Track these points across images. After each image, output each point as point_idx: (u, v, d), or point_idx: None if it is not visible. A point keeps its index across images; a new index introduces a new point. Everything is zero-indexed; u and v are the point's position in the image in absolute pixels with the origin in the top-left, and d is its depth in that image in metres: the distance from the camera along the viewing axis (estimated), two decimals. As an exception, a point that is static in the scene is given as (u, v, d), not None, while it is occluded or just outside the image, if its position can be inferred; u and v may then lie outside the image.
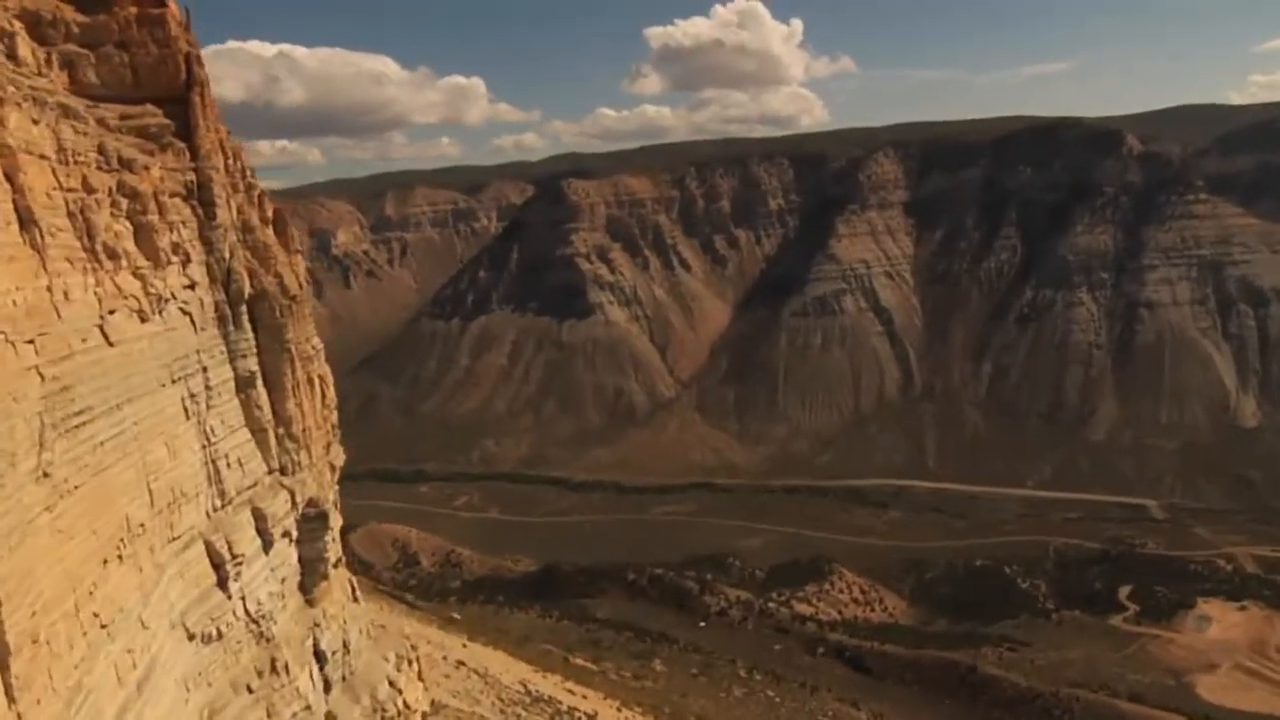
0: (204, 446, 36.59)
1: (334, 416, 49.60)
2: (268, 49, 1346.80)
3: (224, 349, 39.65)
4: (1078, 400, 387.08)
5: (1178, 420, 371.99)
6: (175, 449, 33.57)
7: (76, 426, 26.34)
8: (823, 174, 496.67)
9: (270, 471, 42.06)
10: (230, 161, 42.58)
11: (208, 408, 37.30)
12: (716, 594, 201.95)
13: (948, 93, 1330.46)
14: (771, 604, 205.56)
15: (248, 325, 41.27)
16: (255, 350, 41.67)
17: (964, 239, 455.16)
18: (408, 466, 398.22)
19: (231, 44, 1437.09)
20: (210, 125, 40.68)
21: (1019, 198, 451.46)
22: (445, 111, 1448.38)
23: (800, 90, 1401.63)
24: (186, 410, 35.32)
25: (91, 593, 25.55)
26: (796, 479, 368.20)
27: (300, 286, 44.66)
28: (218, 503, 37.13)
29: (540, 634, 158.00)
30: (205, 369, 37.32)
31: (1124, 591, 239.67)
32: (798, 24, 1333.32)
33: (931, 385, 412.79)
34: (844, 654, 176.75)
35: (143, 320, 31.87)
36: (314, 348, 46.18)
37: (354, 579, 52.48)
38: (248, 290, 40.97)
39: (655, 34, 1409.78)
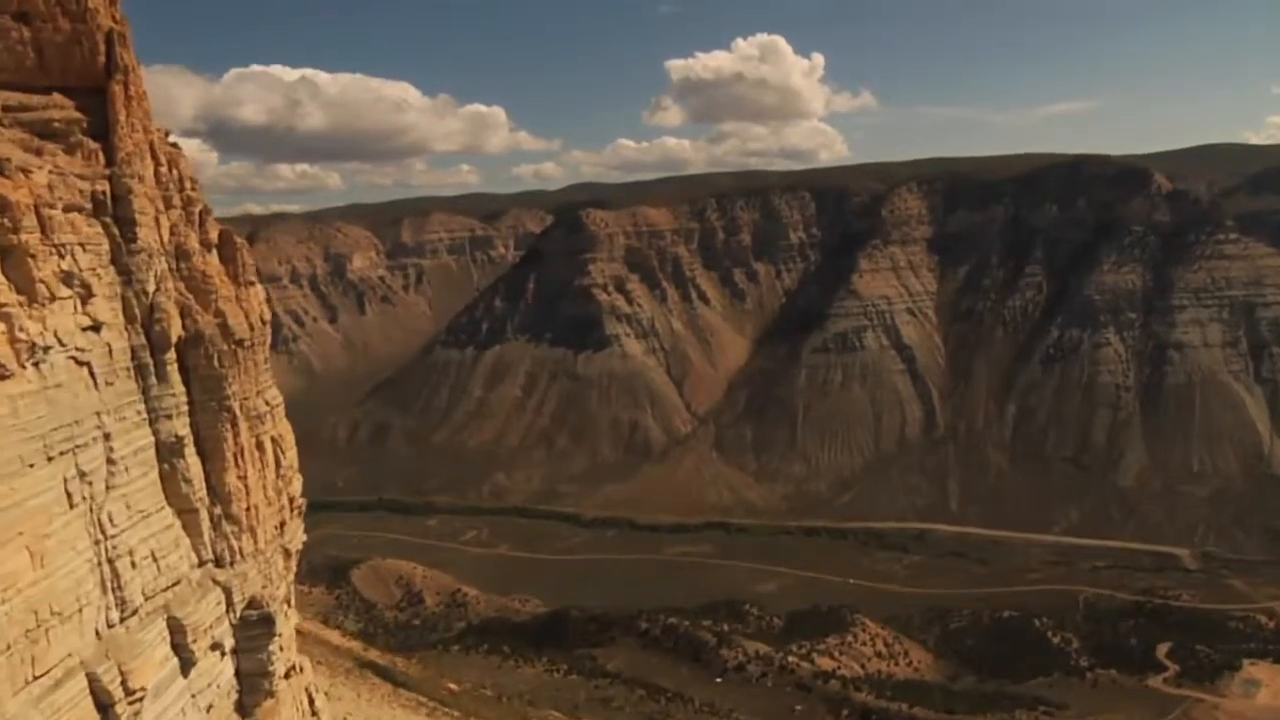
0: (97, 542, 28.03)
1: (294, 486, 41.02)
2: (290, 73, 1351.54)
3: (140, 408, 31.37)
4: (1105, 444, 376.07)
5: (1209, 466, 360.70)
6: (44, 553, 25.07)
7: None
8: (845, 208, 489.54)
9: (201, 563, 33.60)
10: (163, 170, 34.33)
11: (107, 489, 28.83)
12: (734, 647, 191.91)
13: (967, 130, 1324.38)
14: (792, 657, 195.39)
15: (176, 377, 33.05)
16: (186, 409, 33.35)
17: (988, 276, 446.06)
18: (417, 498, 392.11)
19: (255, 68, 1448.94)
20: (135, 123, 32.46)
21: (1045, 235, 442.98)
22: (465, 139, 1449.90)
23: (820, 125, 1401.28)
24: (70, 496, 26.86)
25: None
26: (815, 520, 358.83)
27: (251, 328, 36.37)
28: (115, 616, 28.48)
29: (546, 691, 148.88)
30: (108, 436, 28.93)
31: (1162, 649, 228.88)
32: (819, 59, 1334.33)
33: (954, 426, 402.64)
34: (870, 717, 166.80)
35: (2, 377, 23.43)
36: (268, 403, 37.91)
37: (313, 688, 43.39)
38: (177, 332, 32.68)
39: (676, 66, 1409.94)
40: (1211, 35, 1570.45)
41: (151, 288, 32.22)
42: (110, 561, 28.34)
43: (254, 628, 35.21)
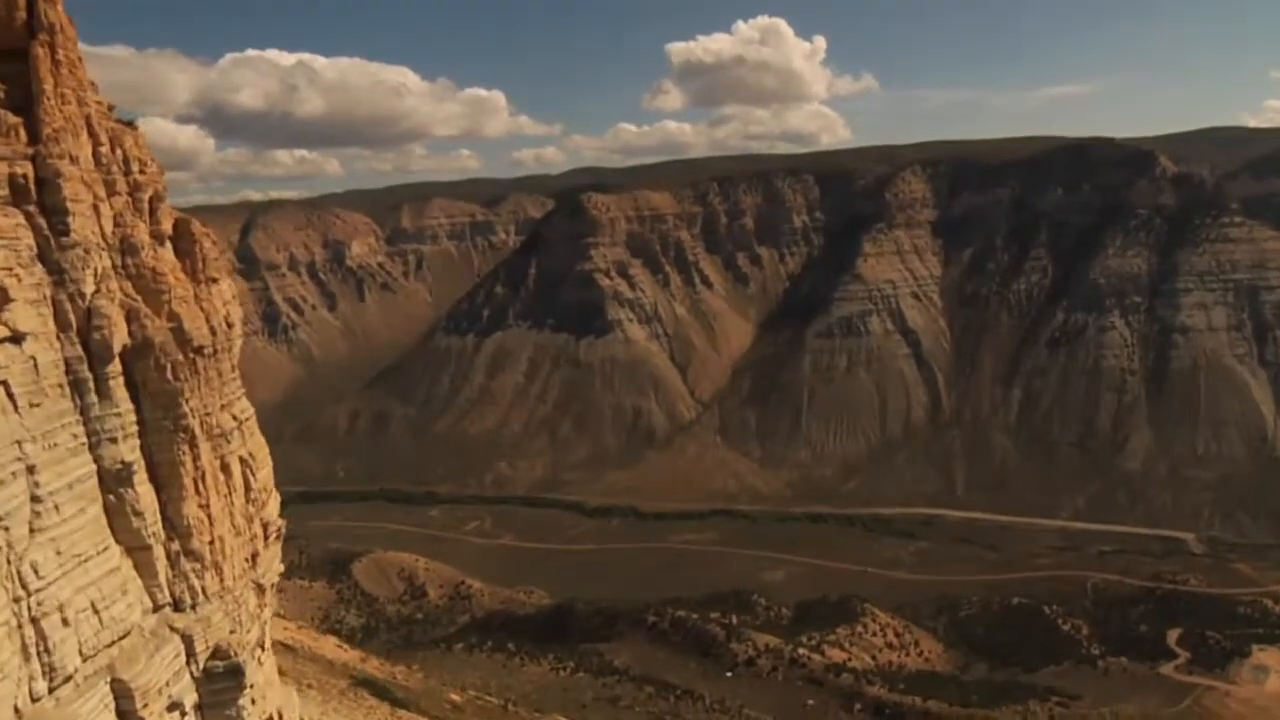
0: (17, 600, 23.62)
1: (269, 510, 36.56)
2: (286, 58, 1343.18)
3: (77, 432, 26.92)
4: (1111, 428, 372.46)
5: (1214, 450, 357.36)
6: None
7: None
8: (849, 192, 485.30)
9: (157, 608, 29.14)
10: (104, 149, 29.80)
11: (31, 533, 24.35)
12: (744, 640, 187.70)
13: (968, 113, 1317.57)
14: (802, 649, 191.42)
15: (123, 393, 28.58)
16: (135, 430, 28.96)
17: (993, 260, 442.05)
18: (419, 488, 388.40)
19: (251, 52, 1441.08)
20: (67, 93, 27.90)
21: (1050, 219, 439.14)
22: (465, 124, 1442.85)
23: (821, 108, 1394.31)
24: (-21, 546, 22.43)
25: None
26: (821, 506, 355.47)
27: (213, 332, 31.92)
28: (41, 687, 24.04)
29: (553, 691, 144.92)
30: (32, 469, 24.51)
31: (1172, 636, 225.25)
32: (820, 41, 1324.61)
33: (960, 411, 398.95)
34: (884, 712, 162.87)
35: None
36: (235, 418, 33.39)
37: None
38: (122, 341, 28.21)
39: (677, 50, 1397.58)
40: (1208, 19, 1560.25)
41: (89, 289, 27.86)
42: (35, 621, 23.89)
43: (220, 680, 30.48)
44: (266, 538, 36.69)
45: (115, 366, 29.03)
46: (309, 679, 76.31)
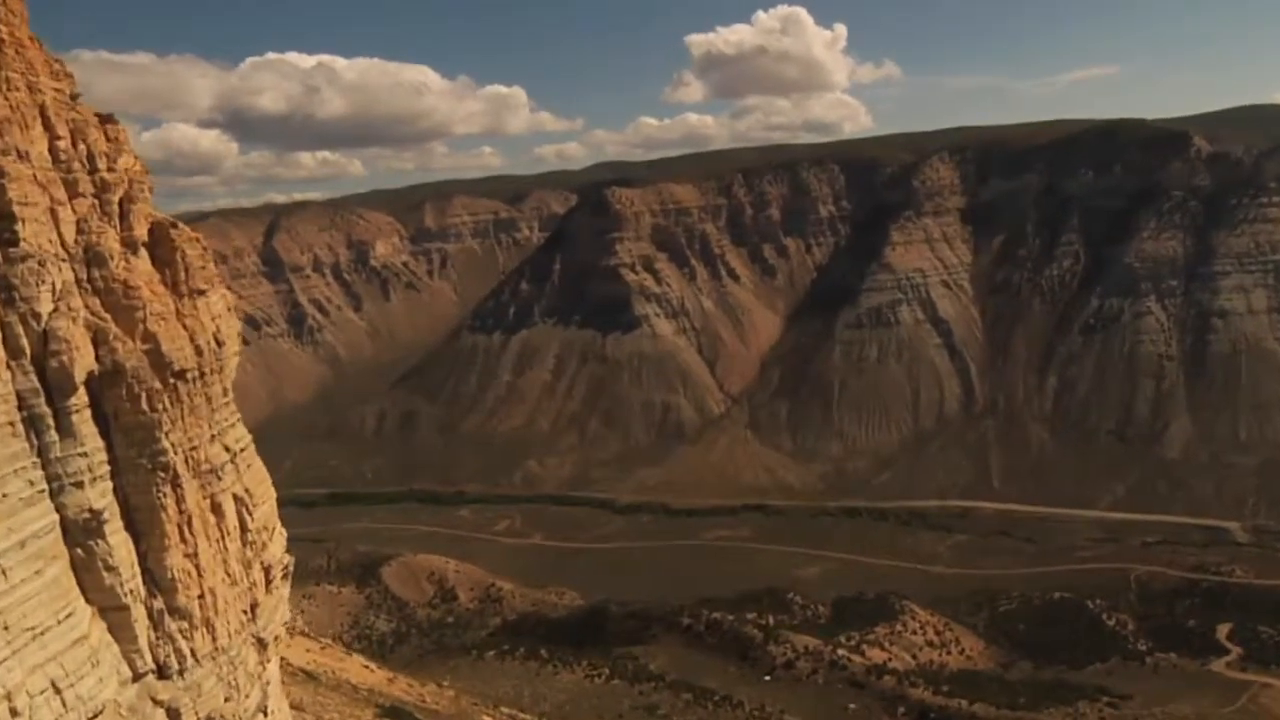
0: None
1: (271, 551, 32.44)
2: (307, 60, 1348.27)
3: (34, 478, 23.00)
4: (1149, 415, 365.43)
5: (1257, 436, 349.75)
6: None
7: None
8: (875, 180, 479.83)
9: (137, 678, 25.20)
10: (63, 143, 25.87)
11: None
12: (782, 642, 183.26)
13: (992, 98, 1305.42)
14: (841, 650, 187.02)
15: (89, 429, 24.65)
16: (106, 470, 25.05)
17: (1024, 246, 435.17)
18: (447, 488, 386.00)
19: (271, 56, 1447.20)
20: (14, 78, 23.96)
21: (1081, 203, 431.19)
22: (486, 121, 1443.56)
23: (843, 97, 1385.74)
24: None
25: None
26: (854, 500, 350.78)
27: (200, 352, 27.94)
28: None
29: (588, 700, 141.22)
30: (-28, 528, 20.63)
31: (1222, 630, 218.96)
32: (841, 29, 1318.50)
33: (994, 400, 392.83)
34: (928, 716, 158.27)
35: None
36: (229, 448, 29.41)
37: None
38: (86, 368, 24.29)
39: (697, 41, 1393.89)
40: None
41: (45, 308, 23.89)
42: (-27, 717, 20.38)
43: (213, 758, 26.77)
44: (269, 583, 32.43)
45: (80, 398, 25.19)
46: (331, 712, 72.80)
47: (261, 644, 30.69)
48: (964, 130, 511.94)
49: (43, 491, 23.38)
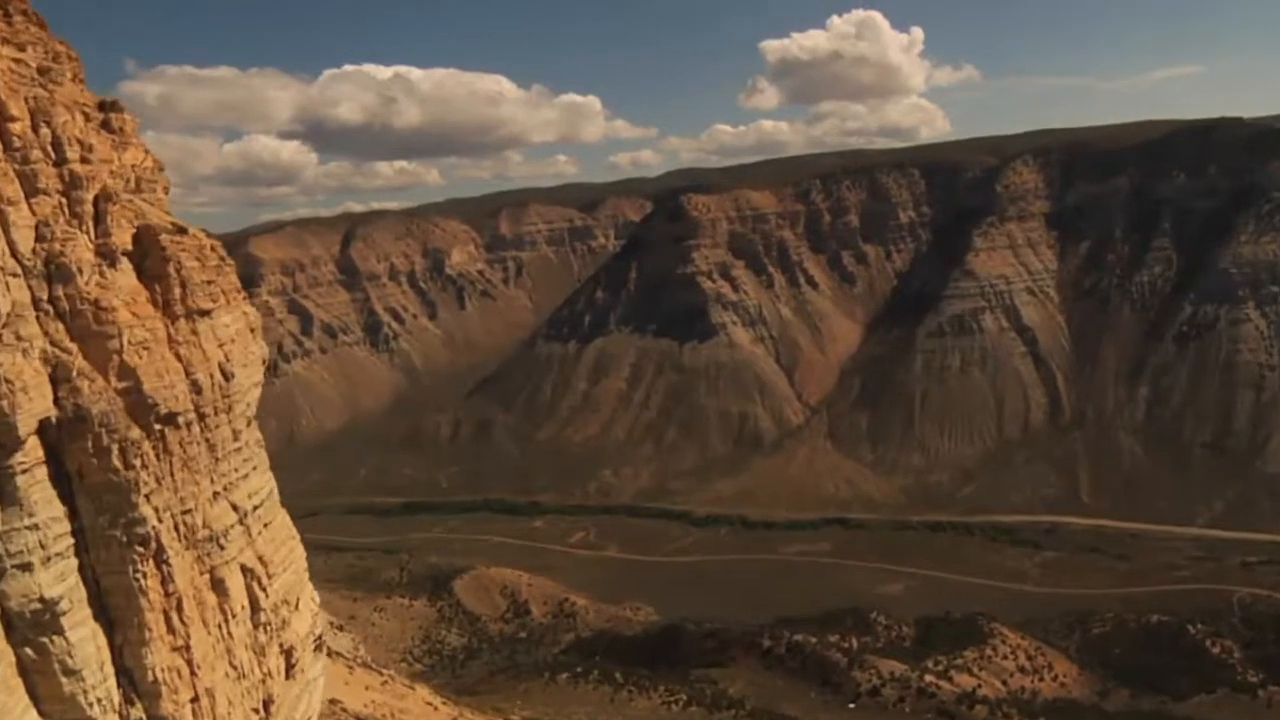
0: None
1: (292, 630, 26.97)
2: (383, 71, 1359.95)
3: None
4: (1249, 427, 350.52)
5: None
6: None
7: None
8: (956, 184, 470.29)
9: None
10: (17, 126, 20.61)
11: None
12: (867, 668, 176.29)
13: (1074, 99, 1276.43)
14: (929, 676, 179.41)
15: (43, 493, 19.50)
16: (66, 546, 19.86)
17: (1113, 251, 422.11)
18: (521, 498, 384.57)
19: (348, 67, 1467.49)
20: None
21: (1173, 205, 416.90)
22: (561, 129, 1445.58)
23: (920, 101, 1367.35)
24: None
25: None
26: (937, 514, 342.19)
27: (198, 389, 22.67)
28: None
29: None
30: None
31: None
32: (917, 33, 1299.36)
33: (1082, 411, 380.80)
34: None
35: None
36: (237, 507, 24.07)
37: None
38: (38, 415, 19.14)
39: (771, 47, 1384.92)
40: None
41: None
42: None
43: None
44: (290, 668, 26.73)
45: (29, 454, 19.61)
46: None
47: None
48: (1047, 132, 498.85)
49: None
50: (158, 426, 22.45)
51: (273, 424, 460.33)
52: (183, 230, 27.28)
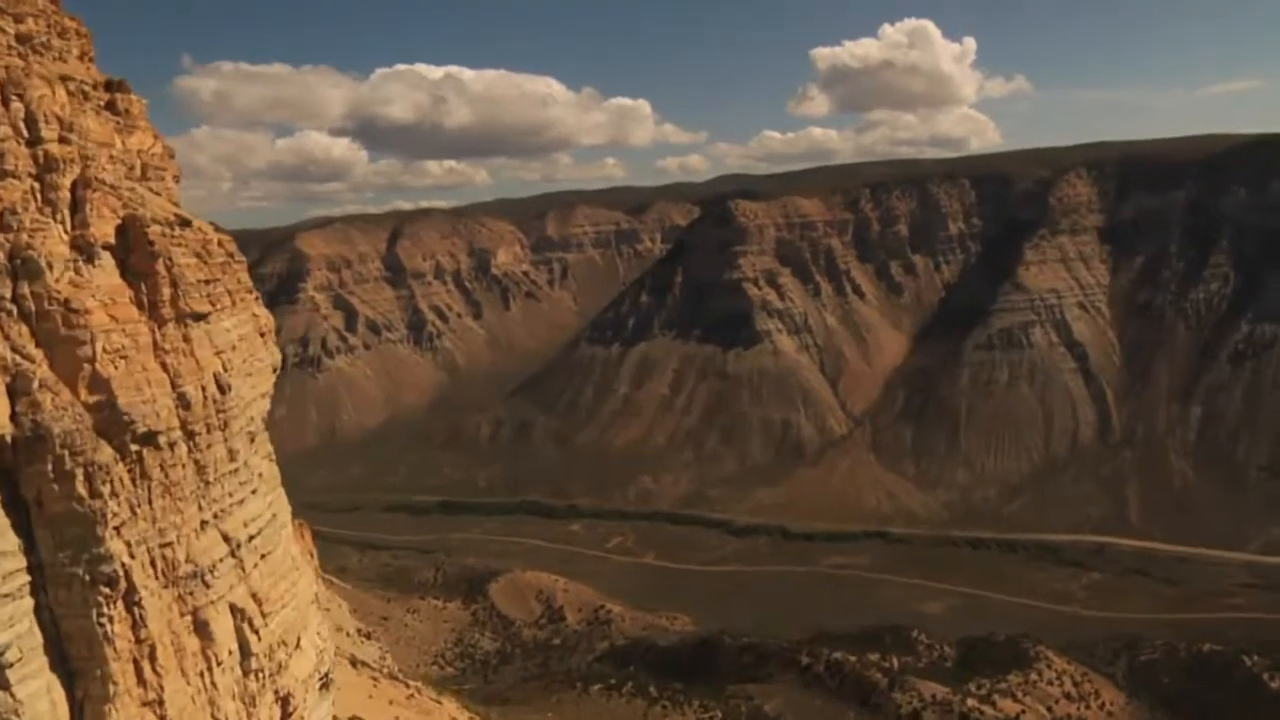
0: None
1: (291, 674, 23.89)
2: (435, 71, 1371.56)
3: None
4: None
5: None
6: None
7: None
8: (1008, 196, 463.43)
9: None
10: None
11: None
12: (907, 690, 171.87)
13: (1130, 113, 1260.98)
14: (971, 700, 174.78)
15: None
16: (20, 585, 17.01)
17: (1168, 267, 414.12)
18: (559, 501, 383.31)
19: (400, 67, 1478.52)
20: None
21: (1231, 222, 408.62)
22: (610, 133, 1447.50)
23: (971, 111, 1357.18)
24: None
25: None
26: (980, 530, 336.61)
27: (186, 404, 19.73)
28: None
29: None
30: None
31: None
32: (970, 43, 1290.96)
33: (1132, 430, 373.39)
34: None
35: None
36: (228, 538, 21.08)
37: None
38: None
39: (822, 55, 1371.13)
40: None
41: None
42: None
43: None
44: (286, 718, 23.85)
45: None
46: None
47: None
48: (1101, 145, 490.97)
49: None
50: (134, 447, 19.71)
51: (314, 418, 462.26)
52: (186, 223, 24.47)
